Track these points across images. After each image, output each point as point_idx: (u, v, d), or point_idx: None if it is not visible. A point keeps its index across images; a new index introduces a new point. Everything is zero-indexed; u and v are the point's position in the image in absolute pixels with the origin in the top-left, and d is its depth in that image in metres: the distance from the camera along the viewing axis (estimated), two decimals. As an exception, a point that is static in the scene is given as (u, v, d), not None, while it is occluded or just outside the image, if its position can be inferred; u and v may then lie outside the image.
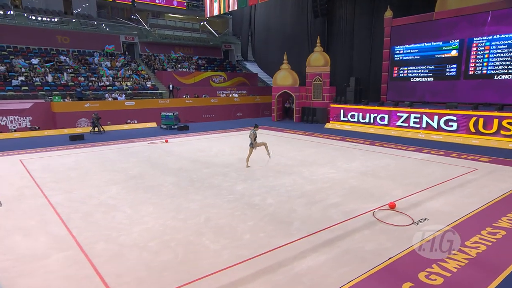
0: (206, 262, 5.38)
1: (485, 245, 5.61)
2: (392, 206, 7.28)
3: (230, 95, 30.58)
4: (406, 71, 21.73)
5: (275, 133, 18.89)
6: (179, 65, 34.33)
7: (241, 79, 35.54)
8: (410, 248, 5.58)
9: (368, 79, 24.43)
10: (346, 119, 21.89)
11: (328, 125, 21.76)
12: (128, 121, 24.38)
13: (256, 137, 10.67)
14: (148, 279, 4.91)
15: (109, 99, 24.64)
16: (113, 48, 27.91)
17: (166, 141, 16.49)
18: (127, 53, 34.27)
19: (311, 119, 23.87)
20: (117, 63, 31.61)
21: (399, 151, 13.47)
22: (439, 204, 7.50)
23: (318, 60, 23.92)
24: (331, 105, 22.99)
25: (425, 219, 6.75)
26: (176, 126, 21.33)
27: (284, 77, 24.99)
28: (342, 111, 22.19)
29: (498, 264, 4.98)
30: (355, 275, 4.82)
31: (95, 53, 31.19)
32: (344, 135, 17.84)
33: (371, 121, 20.51)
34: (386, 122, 19.89)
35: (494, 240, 5.74)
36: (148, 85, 29.91)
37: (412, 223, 6.57)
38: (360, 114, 21.21)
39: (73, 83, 26.48)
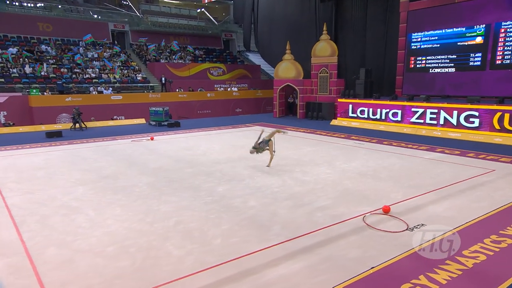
0: (165, 269, 5.31)
1: (485, 255, 5.45)
2: (386, 210, 7.15)
3: (229, 89, 30.59)
4: (424, 61, 21.46)
5: (271, 130, 18.72)
6: (174, 56, 34.47)
7: (242, 72, 35.54)
8: (397, 256, 5.44)
9: (382, 71, 24.19)
10: (355, 115, 21.71)
11: (334, 122, 21.61)
12: (115, 117, 24.53)
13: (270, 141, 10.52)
14: (97, 287, 4.86)
15: (94, 92, 24.81)
16: (91, 39, 28.05)
17: (152, 139, 16.54)
18: (116, 42, 34.53)
19: (316, 115, 23.74)
20: (105, 53, 31.86)
21: (408, 150, 13.31)
22: (442, 209, 7.36)
23: (324, 50, 23.77)
24: (339, 100, 22.84)
25: (422, 224, 6.60)
26: (166, 123, 21.39)
27: (287, 69, 24.89)
28: (350, 106, 22.02)
29: (496, 276, 4.82)
30: (331, 285, 4.70)
31: (80, 42, 31.45)
32: (350, 132, 17.71)
33: (383, 117, 20.31)
34: (399, 118, 19.67)
35: (497, 250, 5.57)
36: (139, 78, 30.10)
37: (406, 229, 6.43)
38: (371, 109, 21.02)
39: (54, 75, 26.75)
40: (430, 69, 21.21)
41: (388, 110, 20.30)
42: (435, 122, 18.24)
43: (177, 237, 6.43)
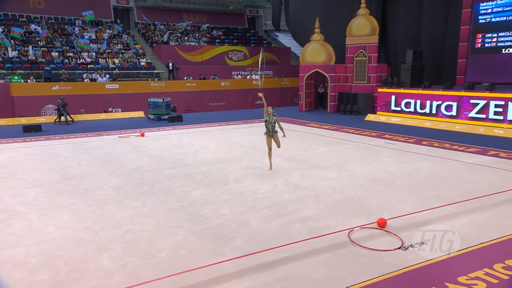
0: (88, 284, 5.53)
1: (486, 283, 5.27)
2: (381, 224, 7.04)
3: (248, 77, 30.81)
4: (495, 39, 20.61)
5: (293, 126, 18.90)
6: (186, 38, 35.19)
7: (268, 55, 35.65)
8: (371, 280, 5.37)
9: (440, 52, 23.44)
10: (399, 108, 21.29)
11: (370, 117, 21.32)
12: (110, 109, 25.43)
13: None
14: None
15: (86, 80, 25.81)
16: (92, 16, 29.12)
17: (142, 135, 17.06)
18: (119, 21, 35.71)
19: (350, 109, 23.47)
20: (104, 34, 33.06)
21: (450, 152, 13.01)
22: (459, 225, 7.15)
23: (362, 28, 23.46)
24: (379, 90, 22.52)
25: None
26: (166, 117, 21.91)
27: (316, 52, 24.80)
28: (393, 97, 21.64)
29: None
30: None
31: (76, 21, 32.80)
32: (386, 130, 17.45)
33: (433, 111, 19.80)
34: (453, 112, 19.11)
35: (505, 278, 5.36)
36: (142, 63, 31.00)
37: (399, 248, 6.31)
38: (418, 101, 20.55)
39: (44, 60, 28.06)
40: (504, 49, 20.32)
41: (440, 102, 19.76)
42: (500, 117, 17.53)
43: (119, 248, 6.64)
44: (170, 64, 29.74)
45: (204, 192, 9.45)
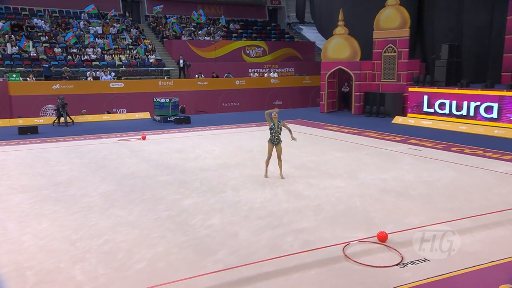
0: (54, 296, 5.76)
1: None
2: (381, 238, 7.09)
3: (266, 75, 31.02)
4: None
5: (309, 130, 19.03)
6: (200, 32, 35.65)
7: (290, 51, 35.85)
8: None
9: (485, 47, 23.01)
10: (432, 110, 21.12)
11: (398, 120, 21.21)
12: (114, 110, 25.99)
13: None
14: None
15: (89, 78, 26.46)
16: (94, 10, 29.81)
17: (143, 138, 17.43)
18: (128, 14, 36.45)
19: (377, 111, 23.38)
20: (111, 28, 33.81)
21: (481, 159, 12.94)
22: (471, 241, 7.15)
23: (391, 19, 23.37)
24: (409, 89, 22.38)
25: (425, 260, 6.49)
26: (173, 118, 22.28)
27: (339, 47, 24.82)
28: (425, 97, 21.48)
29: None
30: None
31: (82, 14, 33.64)
32: (412, 134, 17.40)
33: (471, 113, 19.59)
34: (494, 115, 18.86)
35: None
36: (151, 60, 31.57)
37: (397, 264, 6.36)
38: (454, 102, 20.35)
39: (45, 56, 28.89)
40: None
41: (479, 103, 19.52)
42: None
43: (94, 259, 6.88)
44: (181, 61, 30.20)
45: (197, 200, 9.65)
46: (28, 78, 24.49)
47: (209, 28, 35.90)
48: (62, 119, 22.00)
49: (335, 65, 24.83)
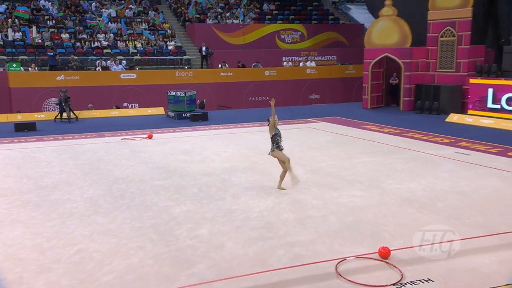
0: (9, 308, 6.32)
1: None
2: (383, 255, 7.33)
3: (302, 64, 31.29)
4: None
5: (342, 129, 19.39)
6: (228, 14, 36.28)
7: (333, 36, 35.96)
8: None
9: None
10: (498, 106, 20.92)
11: (453, 118, 21.11)
12: (125, 104, 26.89)
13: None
14: None
15: (98, 68, 27.48)
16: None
17: (150, 137, 18.12)
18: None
19: (429, 107, 23.30)
20: (127, 11, 34.86)
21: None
22: (490, 261, 7.29)
23: (449, -3, 23.18)
24: (471, 81, 22.21)
25: (428, 280, 6.73)
26: (188, 114, 22.91)
27: (386, 31, 24.86)
28: (490, 91, 21.29)
29: None
30: None
31: (93, -5, 34.82)
32: (466, 135, 17.48)
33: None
34: None
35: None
36: (170, 47, 32.40)
37: (394, 284, 6.63)
38: (526, 96, 20.11)
39: (51, 44, 30.13)
40: None
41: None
42: None
43: (62, 269, 7.42)
44: (204, 48, 30.84)
45: (190, 208, 10.11)
46: (30, 68, 25.60)
47: (237, 8, 36.28)
48: (64, 115, 22.89)
49: (381, 53, 24.90)
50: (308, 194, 10.81)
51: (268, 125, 11.16)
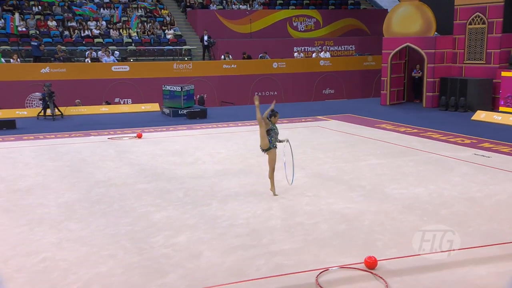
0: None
1: None
2: (369, 265, 7.59)
3: (314, 55, 31.51)
4: None
5: (353, 129, 19.70)
6: (234, -1, 36.53)
7: (353, 23, 36.07)
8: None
9: None
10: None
11: (479, 116, 21.24)
12: (117, 99, 27.31)
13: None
14: None
15: (87, 60, 27.95)
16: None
17: (139, 136, 18.50)
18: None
19: (455, 103, 23.42)
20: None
21: None
22: (487, 272, 7.50)
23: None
24: (503, 74, 22.29)
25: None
26: (185, 111, 23.28)
27: (407, 18, 25.04)
28: (525, 85, 21.34)
29: None
30: None
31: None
32: (491, 135, 17.64)
33: None
34: None
35: None
36: (169, 37, 32.80)
37: (376, 298, 6.88)
38: None
39: (36, 32, 30.61)
40: None
41: None
42: None
43: (23, 279, 7.76)
44: (206, 37, 31.15)
45: (171, 214, 10.45)
46: (12, 60, 26.10)
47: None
48: (48, 111, 23.34)
49: (402, 42, 25.10)
50: (302, 200, 11.09)
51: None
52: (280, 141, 11.41)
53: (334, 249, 8.49)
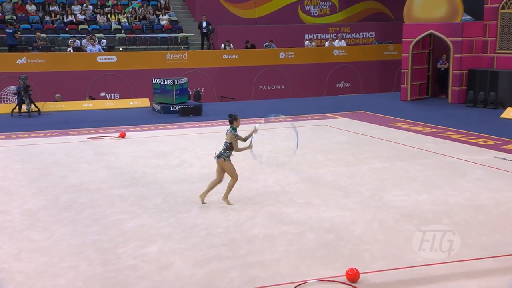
0: None
1: None
2: (350, 278, 7.96)
3: (327, 44, 31.70)
4: None
5: (363, 126, 20.03)
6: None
7: (375, 7, 36.05)
8: None
9: None
10: None
11: (510, 113, 21.38)
12: (102, 94, 27.72)
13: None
14: None
15: (69, 49, 28.39)
16: None
17: (122, 135, 18.94)
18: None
19: (484, 99, 23.63)
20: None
21: None
22: (477, 286, 7.83)
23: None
24: (541, 64, 22.40)
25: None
26: (177, 107, 23.69)
27: (430, 2, 25.31)
28: None
29: None
30: None
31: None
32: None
33: None
34: None
35: None
36: (163, 23, 33.13)
37: (351, 312, 7.26)
38: None
39: (13, 18, 31.03)
40: None
41: None
42: None
43: (-29, 292, 8.24)
44: (204, 24, 31.41)
45: (146, 222, 10.82)
46: (-17, 50, 26.54)
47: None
48: (24, 107, 23.82)
49: (424, 29, 25.30)
50: (291, 207, 11.41)
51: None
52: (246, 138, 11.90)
53: (317, 261, 8.81)
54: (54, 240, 10.06)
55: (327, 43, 31.71)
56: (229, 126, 12.01)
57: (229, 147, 11.82)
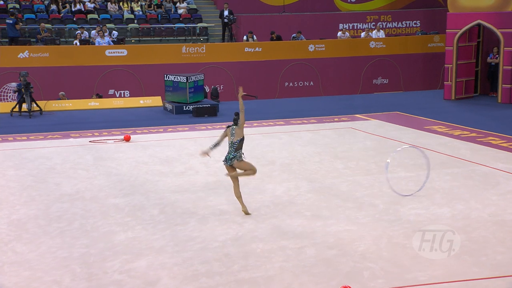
0: None
1: None
2: (344, 294, 8.54)
3: (363, 35, 31.87)
4: None
5: (395, 130, 20.34)
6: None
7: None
8: None
9: None
10: None
11: None
12: (111, 91, 28.32)
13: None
14: None
15: (75, 42, 29.08)
16: None
17: (127, 139, 19.58)
18: None
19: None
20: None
21: None
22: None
23: None
24: None
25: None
26: (191, 107, 24.26)
27: (477, -11, 25.42)
28: None
29: None
30: None
31: None
32: None
33: None
34: None
35: None
36: (181, 11, 33.60)
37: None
38: None
39: (16, 7, 31.78)
40: None
41: None
42: None
43: None
44: (226, 12, 31.75)
45: (138, 234, 11.36)
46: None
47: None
48: (24, 106, 24.55)
49: (471, 19, 25.46)
50: (296, 220, 11.81)
51: (232, 126, 12.67)
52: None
53: (312, 278, 9.25)
54: (40, 252, 10.56)
55: (363, 34, 31.88)
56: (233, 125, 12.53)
57: (239, 146, 12.33)
